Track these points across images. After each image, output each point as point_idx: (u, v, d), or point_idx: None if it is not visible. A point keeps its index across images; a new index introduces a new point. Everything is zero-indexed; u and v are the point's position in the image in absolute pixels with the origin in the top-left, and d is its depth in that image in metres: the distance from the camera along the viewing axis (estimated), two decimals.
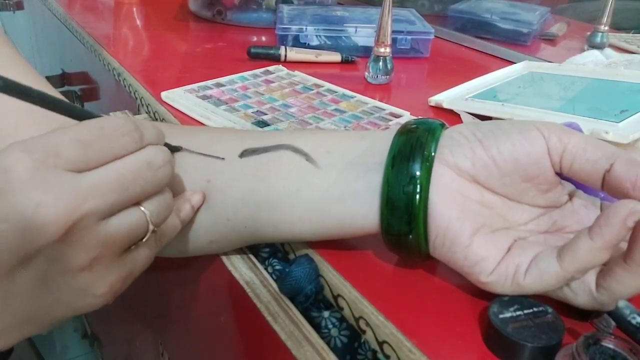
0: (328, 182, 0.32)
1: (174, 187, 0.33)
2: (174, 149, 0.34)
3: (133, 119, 0.30)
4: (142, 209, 0.29)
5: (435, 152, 0.30)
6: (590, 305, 0.27)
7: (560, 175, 0.30)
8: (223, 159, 0.34)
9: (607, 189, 0.27)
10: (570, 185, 0.31)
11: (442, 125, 0.32)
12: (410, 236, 0.30)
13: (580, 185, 0.31)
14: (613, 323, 0.26)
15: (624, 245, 0.26)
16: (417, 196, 0.29)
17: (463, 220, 0.29)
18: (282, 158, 0.33)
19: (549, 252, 0.27)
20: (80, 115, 0.29)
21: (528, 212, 0.31)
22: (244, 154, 0.34)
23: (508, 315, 0.27)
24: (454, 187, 0.29)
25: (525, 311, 0.27)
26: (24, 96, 0.26)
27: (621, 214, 0.25)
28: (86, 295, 0.28)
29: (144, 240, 0.30)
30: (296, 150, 0.33)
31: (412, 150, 0.30)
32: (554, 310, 0.27)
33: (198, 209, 0.34)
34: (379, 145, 0.32)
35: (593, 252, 0.26)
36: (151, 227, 0.30)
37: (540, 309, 0.27)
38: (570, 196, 0.31)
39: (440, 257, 0.30)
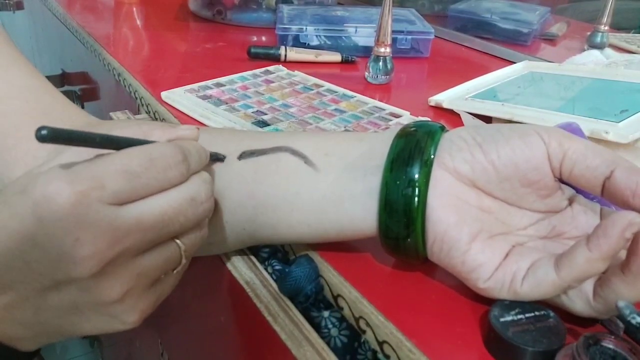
0: (326, 184, 0.32)
1: None
2: (218, 159, 0.33)
3: (181, 144, 0.28)
4: (179, 242, 0.28)
5: (434, 156, 0.30)
6: (587, 313, 0.27)
7: (560, 179, 0.30)
8: (221, 155, 0.34)
9: (607, 196, 0.27)
10: (570, 190, 0.31)
11: (442, 128, 0.31)
12: (408, 240, 0.30)
13: (580, 189, 0.31)
14: (621, 325, 0.26)
15: (622, 254, 0.26)
16: (416, 200, 0.29)
17: (461, 225, 0.29)
18: (281, 160, 0.33)
19: (547, 260, 0.27)
20: (128, 144, 0.27)
21: (527, 217, 0.30)
22: (243, 155, 0.34)
23: (509, 318, 0.27)
24: (452, 191, 0.29)
25: (527, 315, 0.27)
26: (71, 142, 0.25)
27: (619, 226, 0.25)
28: (116, 322, 0.28)
29: (175, 271, 0.30)
30: (295, 152, 0.33)
31: (411, 153, 0.30)
32: (555, 314, 0.27)
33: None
34: (377, 148, 0.32)
35: (590, 262, 0.25)
36: (184, 261, 0.29)
37: (542, 312, 0.27)
38: (570, 201, 0.30)
39: (438, 261, 0.30)
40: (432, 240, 0.29)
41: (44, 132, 0.23)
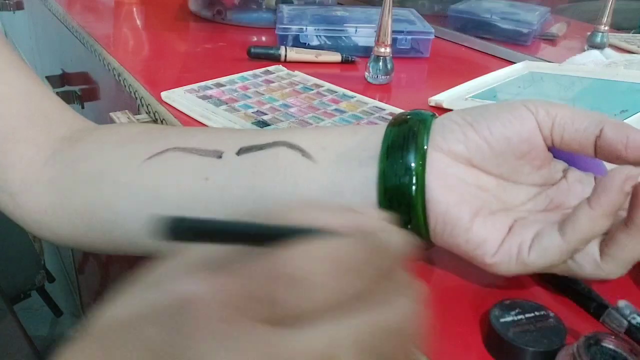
0: (325, 176, 0.32)
1: None
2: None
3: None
4: None
5: (428, 141, 0.30)
6: (597, 275, 0.28)
7: (554, 154, 0.30)
8: (220, 153, 0.34)
9: (601, 155, 0.28)
10: (564, 162, 0.31)
11: (433, 115, 0.32)
12: (410, 225, 0.30)
13: (573, 162, 0.31)
14: (625, 322, 0.26)
15: (623, 214, 0.26)
16: (414, 184, 0.29)
17: (462, 204, 0.29)
18: (278, 154, 0.33)
19: (550, 227, 0.28)
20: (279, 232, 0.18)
21: (524, 192, 0.31)
22: (241, 151, 0.34)
23: (509, 319, 0.27)
24: (449, 172, 0.30)
25: (527, 315, 0.27)
26: (206, 238, 0.17)
27: (618, 180, 0.25)
28: None
29: None
30: (291, 146, 0.33)
31: (405, 140, 0.30)
32: (555, 314, 0.27)
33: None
34: (372, 139, 0.32)
35: (593, 220, 0.26)
36: None
37: (542, 312, 0.27)
38: (564, 172, 0.31)
39: (442, 243, 0.30)
40: (434, 222, 0.29)
41: (165, 222, 0.16)
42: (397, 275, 0.20)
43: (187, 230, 0.17)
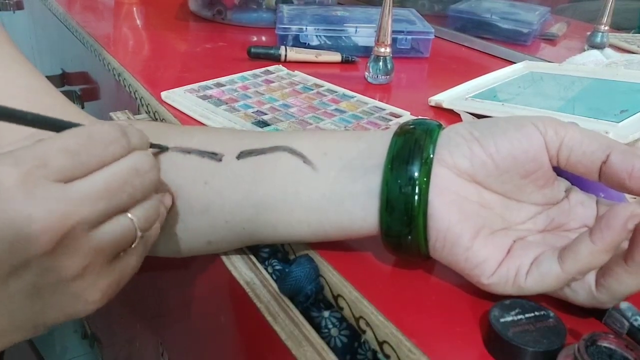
0: (326, 184, 0.32)
1: (162, 189, 0.33)
2: (161, 149, 0.34)
3: (119, 123, 0.30)
4: (130, 216, 0.29)
5: (433, 154, 0.30)
6: (590, 304, 0.28)
7: (557, 172, 0.30)
8: (218, 155, 0.34)
9: (604, 180, 0.27)
10: (566, 182, 0.31)
11: (440, 126, 0.32)
12: (410, 238, 0.30)
13: (577, 183, 0.31)
14: (626, 324, 0.26)
15: (624, 244, 0.26)
16: (416, 198, 0.29)
17: (463, 222, 0.29)
18: (279, 160, 0.33)
19: (550, 253, 0.27)
20: (65, 127, 0.29)
21: (526, 211, 0.31)
22: (241, 155, 0.34)
23: (509, 319, 0.27)
24: (453, 188, 0.29)
25: (527, 315, 0.27)
26: (15, 119, 0.26)
27: (622, 217, 0.25)
28: (79, 302, 0.28)
29: (132, 246, 0.30)
30: (293, 152, 0.33)
31: (410, 152, 0.30)
32: (555, 314, 0.27)
33: (171, 208, 0.34)
34: (376, 147, 0.32)
35: (594, 254, 0.26)
36: (139, 234, 0.30)
37: (542, 312, 0.27)
38: (567, 193, 0.31)
39: (441, 259, 0.30)
40: (434, 238, 0.29)
41: None
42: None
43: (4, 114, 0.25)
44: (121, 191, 0.28)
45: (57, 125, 0.28)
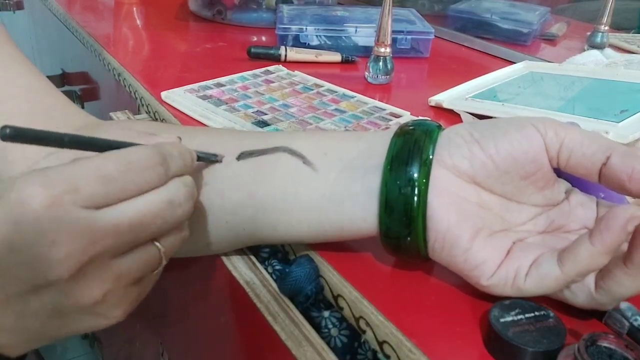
0: (326, 184, 0.32)
1: None
2: (213, 160, 0.34)
3: (162, 147, 0.28)
4: (158, 245, 0.28)
5: (433, 155, 0.30)
6: (589, 305, 0.28)
7: (557, 173, 0.30)
8: (220, 156, 0.34)
9: (604, 182, 0.27)
10: (566, 183, 0.31)
11: (439, 127, 0.32)
12: (409, 239, 0.30)
13: (577, 183, 0.31)
14: (627, 324, 0.26)
15: (623, 246, 0.26)
16: (416, 199, 0.29)
17: (463, 223, 0.29)
18: (280, 161, 0.33)
19: (549, 255, 0.27)
20: (104, 147, 0.27)
21: (526, 212, 0.31)
22: (241, 156, 0.34)
23: (509, 319, 0.27)
24: (452, 189, 0.29)
25: (527, 315, 0.27)
26: (37, 141, 0.25)
27: (621, 220, 0.25)
28: (98, 319, 0.28)
29: (155, 272, 0.30)
30: (293, 152, 0.33)
31: (410, 153, 0.30)
32: (555, 314, 0.27)
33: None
34: (376, 148, 0.32)
35: (593, 256, 0.26)
36: (164, 262, 0.29)
37: (542, 312, 0.27)
38: (567, 194, 0.31)
39: (440, 260, 0.30)
40: (433, 239, 0.29)
41: (7, 131, 0.23)
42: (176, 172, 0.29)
43: (24, 135, 0.24)
44: (152, 224, 0.27)
45: (98, 146, 0.27)
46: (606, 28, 0.79)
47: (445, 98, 0.59)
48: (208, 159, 0.34)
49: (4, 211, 0.24)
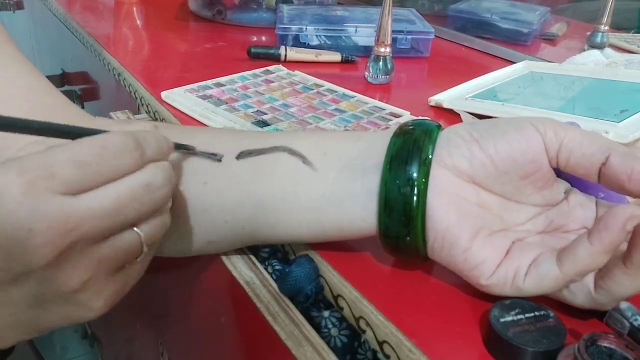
0: (325, 184, 0.32)
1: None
2: (186, 149, 0.34)
3: (136, 133, 0.28)
4: (137, 230, 0.28)
5: (432, 155, 0.30)
6: (588, 305, 0.28)
7: (557, 173, 0.30)
8: (219, 155, 0.34)
9: (604, 182, 0.27)
10: (566, 183, 0.31)
11: (439, 127, 0.32)
12: (408, 239, 0.30)
13: (577, 183, 0.31)
14: (627, 324, 0.26)
15: (622, 246, 0.26)
16: (415, 198, 0.29)
17: (462, 223, 0.29)
18: (279, 160, 0.33)
19: (549, 255, 0.27)
20: (77, 134, 0.27)
21: (525, 212, 0.31)
22: (241, 155, 0.34)
23: (509, 319, 0.27)
24: (452, 189, 0.29)
25: (527, 315, 0.27)
26: (9, 128, 0.25)
27: (621, 219, 0.25)
28: (81, 310, 0.28)
29: (137, 260, 0.29)
30: (292, 152, 0.33)
31: (409, 152, 0.30)
32: (555, 314, 0.27)
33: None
34: (375, 147, 0.32)
35: (593, 256, 0.26)
36: (145, 249, 0.29)
37: (542, 312, 0.27)
38: (566, 194, 0.31)
39: (439, 259, 0.30)
40: (432, 239, 0.29)
41: None
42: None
43: (11, 125, 0.24)
44: (129, 208, 0.27)
45: (70, 133, 0.27)
46: (606, 28, 0.79)
47: (445, 98, 0.59)
48: (207, 158, 0.34)
49: None
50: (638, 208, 0.25)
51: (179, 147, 0.33)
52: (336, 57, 0.72)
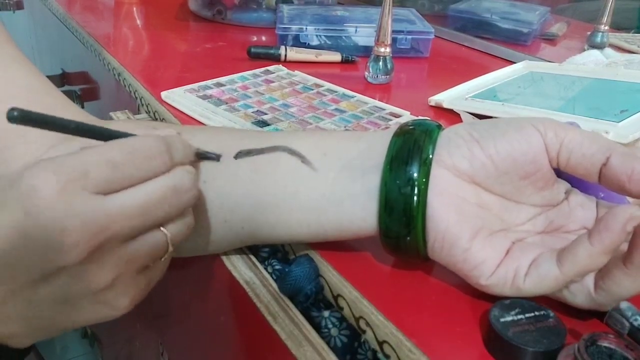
0: (325, 184, 0.32)
1: None
2: (210, 158, 0.34)
3: (165, 137, 0.29)
4: (164, 231, 0.29)
5: (432, 155, 0.30)
6: (588, 306, 0.27)
7: (557, 173, 0.30)
8: (217, 155, 0.34)
9: (604, 182, 0.27)
10: (566, 183, 0.31)
11: (439, 127, 0.32)
12: (408, 239, 0.30)
13: (577, 184, 0.31)
14: (627, 324, 0.26)
15: (623, 247, 0.26)
16: (415, 199, 0.29)
17: (462, 223, 0.29)
18: (278, 160, 0.33)
19: (548, 255, 0.27)
20: (108, 136, 0.28)
21: (525, 212, 0.31)
22: (239, 155, 0.34)
23: (509, 319, 0.27)
24: (452, 190, 0.29)
25: (527, 315, 0.27)
26: (43, 125, 0.25)
27: (621, 220, 0.25)
28: (107, 309, 0.28)
29: (162, 259, 0.30)
30: (292, 152, 0.33)
31: (409, 152, 0.30)
32: (555, 314, 0.27)
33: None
34: (375, 147, 0.32)
35: (592, 256, 0.26)
36: (171, 249, 0.30)
37: (542, 312, 0.27)
38: (567, 194, 0.31)
39: (439, 259, 0.30)
40: (432, 239, 0.29)
41: (14, 113, 0.23)
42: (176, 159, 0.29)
43: (30, 118, 0.24)
44: (158, 209, 0.28)
45: (102, 134, 0.28)
46: (606, 28, 0.79)
47: (445, 98, 0.59)
48: (206, 157, 0.34)
49: (16, 199, 0.24)
50: (638, 209, 0.25)
51: (200, 154, 0.33)
52: (336, 57, 0.72)
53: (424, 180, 0.29)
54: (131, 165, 0.27)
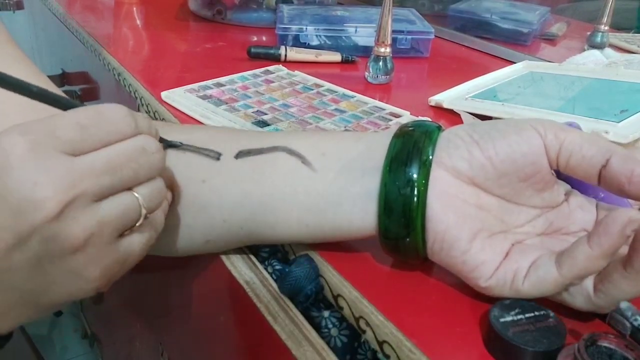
0: (324, 185, 0.32)
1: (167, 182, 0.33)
2: (171, 145, 0.34)
3: (130, 110, 0.30)
4: (135, 194, 0.29)
5: (432, 156, 0.30)
6: (587, 308, 0.27)
7: (557, 174, 0.30)
8: (219, 154, 0.34)
9: (604, 184, 0.27)
10: (566, 185, 0.31)
11: (439, 128, 0.32)
12: (408, 240, 0.30)
13: (577, 185, 0.31)
14: (628, 324, 0.26)
15: (623, 249, 0.26)
16: (415, 200, 0.29)
17: (461, 225, 0.29)
18: (278, 160, 0.33)
19: (548, 257, 0.27)
20: (71, 106, 0.29)
21: (524, 214, 0.31)
22: (239, 155, 0.34)
23: (509, 319, 0.27)
24: (451, 191, 0.29)
25: (527, 315, 0.27)
26: (6, 85, 0.27)
27: (620, 223, 0.25)
28: (80, 278, 0.28)
29: (137, 225, 0.30)
30: (291, 152, 0.33)
31: (409, 154, 0.30)
32: (555, 314, 0.27)
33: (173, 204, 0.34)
34: (375, 148, 0.32)
35: (591, 260, 0.26)
36: (144, 212, 0.30)
37: (542, 312, 0.27)
38: (567, 196, 0.31)
39: (439, 261, 0.30)
40: (432, 240, 0.29)
41: None
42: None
43: (13, 85, 0.27)
44: (126, 167, 0.28)
45: (63, 103, 0.29)
46: (606, 28, 0.79)
47: (445, 98, 0.59)
48: (205, 155, 0.34)
49: None
50: (638, 212, 0.25)
51: (162, 141, 0.33)
52: (336, 57, 0.72)
53: (423, 181, 0.29)
54: (98, 127, 0.28)
